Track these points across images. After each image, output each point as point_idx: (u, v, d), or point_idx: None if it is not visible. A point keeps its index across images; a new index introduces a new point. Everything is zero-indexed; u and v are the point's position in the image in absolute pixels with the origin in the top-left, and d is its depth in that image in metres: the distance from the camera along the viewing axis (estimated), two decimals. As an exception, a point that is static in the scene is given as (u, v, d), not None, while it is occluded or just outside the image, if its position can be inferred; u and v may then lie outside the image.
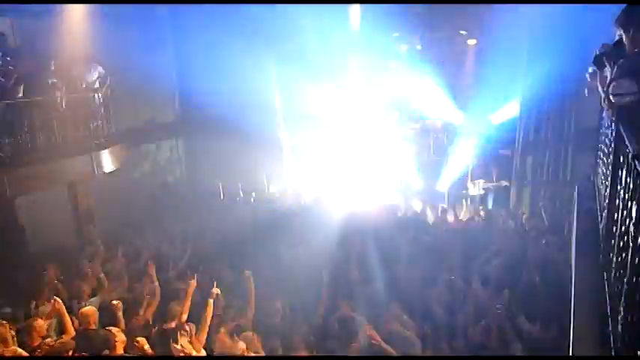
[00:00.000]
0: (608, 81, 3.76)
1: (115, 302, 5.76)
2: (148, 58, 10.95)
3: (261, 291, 6.40)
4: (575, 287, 4.28)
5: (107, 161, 9.38)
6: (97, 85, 9.53)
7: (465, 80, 12.25)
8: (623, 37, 3.55)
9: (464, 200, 10.76)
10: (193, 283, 5.92)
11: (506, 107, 11.14)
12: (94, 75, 9.57)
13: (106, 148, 9.33)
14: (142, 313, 6.09)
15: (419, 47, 12.50)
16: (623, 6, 3.59)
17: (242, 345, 5.10)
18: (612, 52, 3.91)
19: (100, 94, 9.46)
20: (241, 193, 11.53)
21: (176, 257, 8.12)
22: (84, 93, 9.30)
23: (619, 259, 3.30)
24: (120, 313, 5.66)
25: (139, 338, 5.23)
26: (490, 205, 11.09)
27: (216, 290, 5.63)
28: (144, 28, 10.98)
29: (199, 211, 10.50)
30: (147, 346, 5.17)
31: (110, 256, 7.69)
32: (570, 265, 4.78)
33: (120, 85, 10.35)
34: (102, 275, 6.92)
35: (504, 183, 11.04)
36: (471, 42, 12.03)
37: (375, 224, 9.24)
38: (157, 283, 6.57)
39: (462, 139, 11.57)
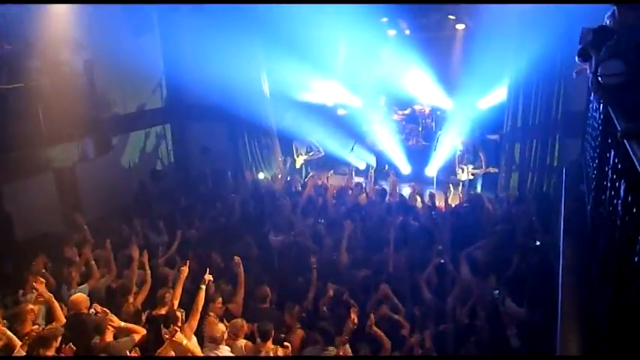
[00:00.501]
0: (595, 62, 3.77)
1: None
2: (134, 43, 10.82)
3: (250, 276, 6.41)
4: (563, 269, 4.33)
5: (94, 148, 9.28)
6: (82, 70, 9.39)
7: (453, 65, 12.24)
8: (616, 14, 3.56)
9: (452, 185, 10.81)
10: (185, 269, 5.90)
11: (494, 92, 11.16)
12: (80, 60, 9.43)
13: (92, 134, 9.22)
14: (131, 300, 6.06)
15: (407, 32, 12.45)
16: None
17: (222, 327, 5.09)
18: (597, 37, 3.92)
19: (86, 80, 9.33)
20: (230, 179, 11.49)
21: (165, 244, 8.10)
22: (70, 78, 9.16)
23: (606, 239, 3.34)
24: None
25: None
26: (479, 190, 11.14)
27: (208, 277, 5.61)
28: (130, 13, 10.81)
29: (188, 198, 10.44)
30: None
31: (98, 243, 7.63)
32: (558, 248, 4.83)
33: (106, 71, 10.21)
34: (91, 262, 6.87)
35: (493, 169, 11.08)
36: (460, 27, 11.99)
37: (364, 209, 9.29)
38: (147, 270, 6.57)
39: (451, 125, 11.59)
